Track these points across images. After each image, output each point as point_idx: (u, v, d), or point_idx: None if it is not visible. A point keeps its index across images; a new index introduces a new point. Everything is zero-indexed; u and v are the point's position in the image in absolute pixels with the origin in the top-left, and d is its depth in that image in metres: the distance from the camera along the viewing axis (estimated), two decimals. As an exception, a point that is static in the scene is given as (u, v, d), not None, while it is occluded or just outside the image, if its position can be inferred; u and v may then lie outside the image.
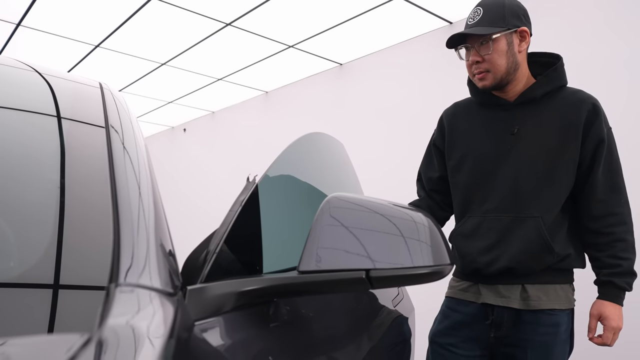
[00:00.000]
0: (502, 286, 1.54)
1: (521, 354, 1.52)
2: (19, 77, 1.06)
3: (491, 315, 1.56)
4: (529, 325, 1.51)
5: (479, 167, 1.60)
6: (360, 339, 1.19)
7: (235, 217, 0.90)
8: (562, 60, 1.59)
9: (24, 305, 0.55)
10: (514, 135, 1.55)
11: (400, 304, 1.58)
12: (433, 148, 1.78)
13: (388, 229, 0.77)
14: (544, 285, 1.51)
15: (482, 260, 1.55)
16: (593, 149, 1.51)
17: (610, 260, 1.48)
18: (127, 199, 0.70)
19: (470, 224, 1.61)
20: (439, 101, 2.16)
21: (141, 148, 0.88)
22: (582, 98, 1.53)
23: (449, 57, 3.52)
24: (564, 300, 1.52)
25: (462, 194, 1.65)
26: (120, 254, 0.61)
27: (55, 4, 3.44)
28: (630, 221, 1.52)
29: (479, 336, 1.58)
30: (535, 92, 1.55)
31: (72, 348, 0.43)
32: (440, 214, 1.78)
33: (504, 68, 1.52)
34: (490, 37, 1.49)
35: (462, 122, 1.69)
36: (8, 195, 0.71)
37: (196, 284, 0.76)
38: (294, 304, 1.01)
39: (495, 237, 1.54)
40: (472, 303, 1.60)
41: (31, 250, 0.62)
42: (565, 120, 1.52)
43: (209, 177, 5.96)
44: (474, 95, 1.68)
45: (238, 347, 0.77)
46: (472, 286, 1.61)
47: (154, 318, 0.54)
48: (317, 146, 1.37)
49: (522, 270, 1.51)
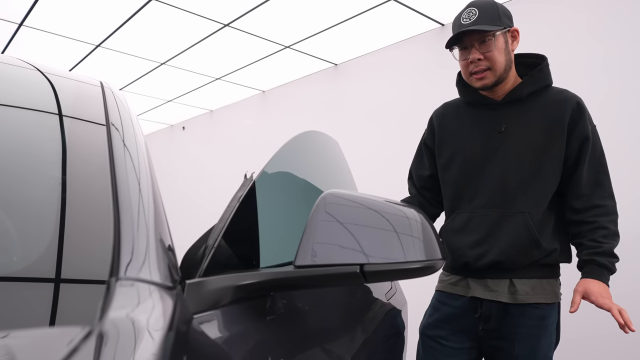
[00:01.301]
0: (491, 280, 1.55)
1: (509, 346, 1.52)
2: (21, 75, 1.05)
3: (480, 308, 1.56)
4: (516, 318, 1.51)
5: (468, 164, 1.61)
6: (355, 332, 1.19)
7: (233, 213, 0.89)
8: (547, 61, 1.60)
9: (27, 299, 0.55)
10: (501, 134, 1.56)
11: (394, 298, 1.58)
12: (424, 147, 1.79)
13: (381, 225, 0.77)
14: (531, 279, 1.52)
15: (472, 254, 1.55)
16: (578, 146, 1.51)
17: (591, 243, 1.48)
18: (127, 195, 0.70)
19: (460, 219, 1.61)
20: (430, 101, 2.16)
21: (141, 145, 0.87)
22: (567, 97, 1.54)
23: (439, 59, 3.54)
24: (551, 294, 1.53)
25: (451, 190, 1.66)
26: (120, 248, 0.60)
27: (57, 4, 3.42)
28: (613, 212, 1.52)
29: (468, 329, 1.59)
30: (522, 92, 1.56)
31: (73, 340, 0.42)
32: (430, 211, 1.78)
33: (503, 65, 1.53)
34: (494, 34, 1.49)
35: (451, 121, 1.69)
36: (10, 192, 0.70)
37: (195, 278, 0.76)
38: (290, 298, 1.01)
39: (484, 232, 1.55)
40: (462, 297, 1.60)
41: (33, 245, 0.62)
42: (550, 118, 1.52)
43: (207, 174, 5.94)
44: (463, 96, 1.69)
45: (235, 340, 0.77)
46: (461, 280, 1.62)
47: (154, 311, 0.54)
48: (312, 144, 1.37)
49: (510, 264, 1.51)
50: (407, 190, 1.87)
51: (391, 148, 3.85)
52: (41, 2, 3.38)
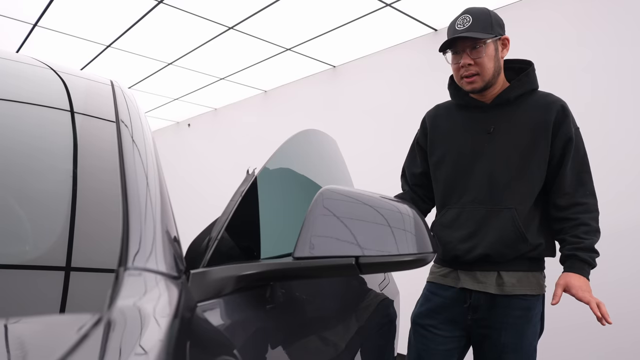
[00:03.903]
0: (480, 272, 1.55)
1: (495, 334, 1.53)
2: (35, 74, 1.04)
3: (469, 299, 1.56)
4: (503, 308, 1.52)
5: (458, 163, 1.61)
6: (349, 320, 1.19)
7: (236, 207, 0.89)
8: (533, 66, 1.60)
9: (39, 287, 0.54)
10: (489, 134, 1.56)
11: (387, 288, 1.58)
12: (416, 146, 1.79)
13: (376, 219, 0.77)
14: (517, 272, 1.52)
15: (461, 247, 1.56)
16: (562, 147, 1.51)
17: (573, 239, 1.48)
18: (136, 188, 0.70)
19: (450, 214, 1.61)
20: (423, 101, 2.16)
21: (149, 141, 0.87)
22: (552, 100, 1.54)
23: (433, 62, 3.53)
24: (535, 286, 1.53)
25: (442, 187, 1.66)
26: (128, 239, 0.60)
27: (70, 6, 3.40)
28: (594, 210, 1.52)
29: (457, 318, 1.59)
30: (509, 95, 1.56)
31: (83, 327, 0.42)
32: (422, 207, 1.78)
33: (491, 71, 1.53)
34: (484, 42, 1.50)
35: (443, 122, 1.70)
36: (24, 184, 0.70)
37: (199, 268, 0.76)
38: (289, 288, 1.01)
39: (473, 227, 1.55)
40: (452, 287, 1.61)
41: (45, 236, 0.62)
42: (536, 120, 1.53)
43: (211, 169, 5.93)
44: (454, 98, 1.69)
45: (237, 327, 0.77)
46: (451, 272, 1.62)
47: (160, 299, 0.53)
48: (311, 142, 1.37)
49: (497, 257, 1.51)
50: (400, 187, 1.87)
51: (386, 146, 3.85)
52: (55, 4, 3.36)
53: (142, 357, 0.40)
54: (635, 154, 2.57)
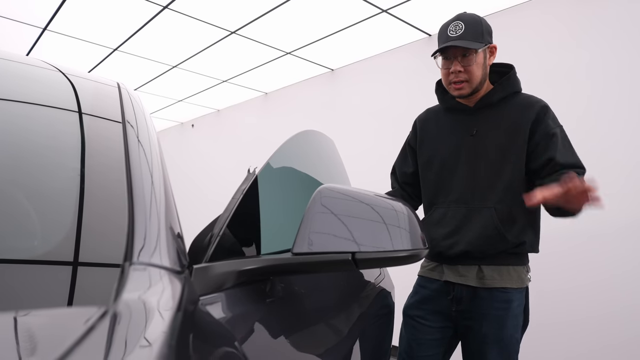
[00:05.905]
0: (461, 266, 1.56)
1: (477, 325, 1.53)
2: (44, 76, 1.04)
3: (452, 291, 1.58)
4: (484, 301, 1.52)
5: (444, 164, 1.62)
6: (346, 314, 1.19)
7: (237, 204, 0.89)
8: (514, 70, 1.61)
9: (47, 281, 0.54)
10: (473, 136, 1.57)
11: (382, 283, 1.59)
12: (408, 147, 1.81)
13: (372, 217, 0.77)
14: (498, 266, 1.52)
15: (444, 244, 1.57)
16: (544, 141, 1.46)
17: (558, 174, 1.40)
18: (141, 186, 0.70)
19: (437, 213, 1.63)
20: (418, 103, 2.15)
21: (154, 141, 0.87)
22: (532, 101, 1.54)
23: (426, 65, 3.52)
24: (516, 280, 1.53)
25: (430, 187, 1.68)
26: (134, 235, 0.60)
27: (78, 11, 3.39)
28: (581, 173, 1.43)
29: (443, 310, 1.61)
30: (492, 98, 1.57)
31: (90, 319, 0.42)
32: (410, 203, 1.78)
33: (479, 79, 1.54)
34: (475, 51, 1.49)
35: (432, 125, 1.71)
36: (33, 182, 0.70)
37: (201, 263, 0.75)
38: (288, 282, 1.01)
39: (455, 225, 1.56)
40: (437, 280, 1.63)
41: (53, 231, 0.62)
42: (514, 120, 1.52)
43: (214, 168, 5.93)
44: (440, 102, 1.72)
45: (238, 320, 0.77)
46: (437, 266, 1.64)
47: (164, 293, 0.53)
48: (310, 142, 1.37)
49: (478, 253, 1.52)
50: (390, 185, 1.88)
51: (383, 146, 3.85)
52: (64, 8, 3.35)
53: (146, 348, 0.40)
54: (633, 155, 2.55)
